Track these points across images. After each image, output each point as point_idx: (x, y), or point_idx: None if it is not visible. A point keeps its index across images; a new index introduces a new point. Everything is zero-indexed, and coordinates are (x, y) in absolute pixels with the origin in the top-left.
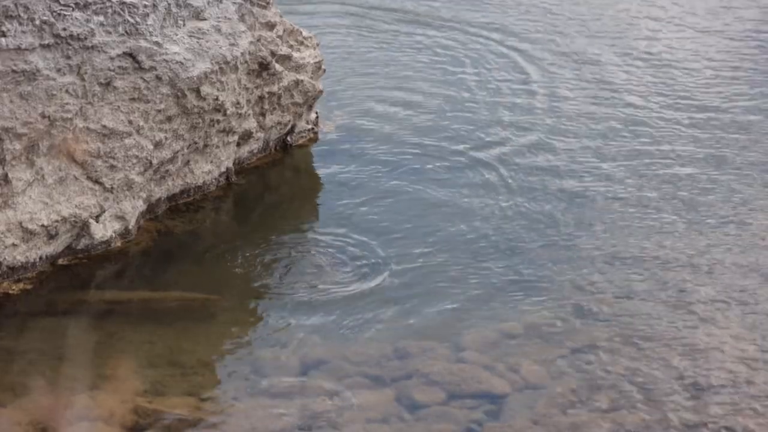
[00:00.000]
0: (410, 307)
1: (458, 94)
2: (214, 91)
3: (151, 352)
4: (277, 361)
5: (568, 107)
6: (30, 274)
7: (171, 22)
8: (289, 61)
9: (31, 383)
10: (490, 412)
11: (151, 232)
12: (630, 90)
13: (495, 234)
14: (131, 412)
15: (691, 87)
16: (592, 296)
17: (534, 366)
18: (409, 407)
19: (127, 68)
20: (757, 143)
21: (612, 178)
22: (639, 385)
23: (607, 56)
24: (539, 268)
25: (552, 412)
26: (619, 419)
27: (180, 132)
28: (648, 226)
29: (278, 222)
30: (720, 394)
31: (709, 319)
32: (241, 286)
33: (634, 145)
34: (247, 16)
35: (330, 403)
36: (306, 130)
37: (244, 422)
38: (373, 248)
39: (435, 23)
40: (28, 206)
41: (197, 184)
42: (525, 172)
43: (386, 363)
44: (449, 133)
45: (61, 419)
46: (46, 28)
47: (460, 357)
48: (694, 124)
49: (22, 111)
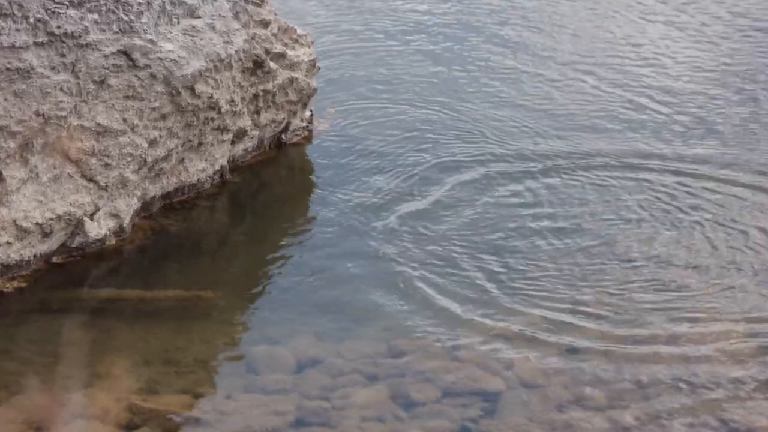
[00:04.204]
0: (405, 304)
1: (456, 92)
2: (209, 89)
3: (146, 350)
4: (272, 359)
5: (566, 106)
6: (24, 272)
7: (165, 19)
8: (283, 59)
9: (26, 381)
10: (485, 409)
11: (146, 230)
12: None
13: (491, 231)
14: (126, 410)
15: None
16: (588, 294)
17: (529, 364)
18: (404, 405)
19: (121, 66)
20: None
21: (611, 178)
22: (634, 383)
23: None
24: (534, 265)
25: (547, 410)
26: (614, 417)
27: (174, 130)
28: (646, 225)
29: (273, 220)
30: (716, 391)
31: (707, 317)
32: (235, 284)
33: (635, 145)
34: (241, 14)
35: (325, 401)
36: (300, 128)
37: (238, 420)
38: (370, 247)
39: (434, 25)
40: (23, 204)
41: (192, 182)
42: (523, 171)
43: (381, 361)
44: (446, 132)
45: (56, 417)
46: (40, 26)
47: (455, 355)
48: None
49: (17, 109)
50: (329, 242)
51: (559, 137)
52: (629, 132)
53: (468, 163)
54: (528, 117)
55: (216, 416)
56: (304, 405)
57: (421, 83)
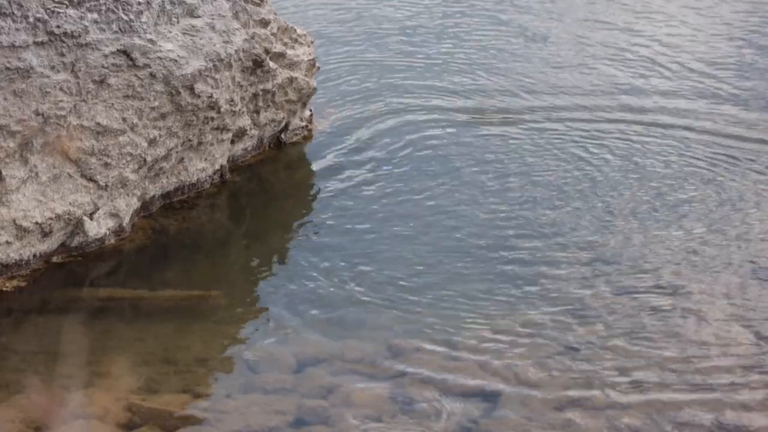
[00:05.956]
0: (406, 305)
1: (454, 92)
2: (208, 88)
3: (145, 349)
4: (272, 358)
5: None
6: (24, 271)
7: (165, 19)
8: (283, 58)
9: (25, 381)
10: (484, 409)
11: (146, 229)
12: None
13: (490, 232)
14: (125, 409)
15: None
16: (587, 293)
17: (528, 363)
18: (404, 404)
19: (121, 66)
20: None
21: (608, 177)
22: (634, 383)
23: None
24: (534, 265)
25: (546, 410)
26: (614, 417)
27: (174, 129)
28: (643, 224)
29: (272, 219)
30: (717, 391)
31: (706, 316)
32: (235, 284)
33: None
34: (241, 13)
35: (325, 401)
36: (300, 128)
37: (238, 419)
38: (369, 246)
39: (433, 26)
40: (22, 204)
41: (191, 181)
42: (521, 177)
43: (381, 360)
44: (445, 131)
45: (55, 417)
46: (39, 26)
47: (455, 355)
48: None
49: (16, 108)
50: (329, 242)
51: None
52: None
53: (473, 165)
54: (538, 122)
55: (215, 416)
56: (304, 405)
57: (422, 83)
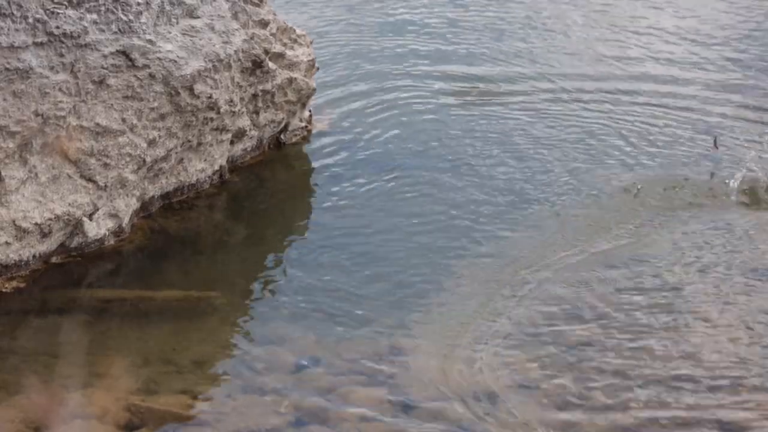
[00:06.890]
0: (404, 305)
1: (455, 92)
2: (208, 89)
3: (145, 350)
4: (272, 358)
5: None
6: (23, 272)
7: (164, 20)
8: (282, 59)
9: (25, 381)
10: (485, 409)
11: (145, 230)
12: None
13: (489, 231)
14: (125, 410)
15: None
16: (587, 293)
17: (528, 364)
18: (403, 405)
19: (120, 66)
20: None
21: (606, 177)
22: (634, 383)
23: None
24: (533, 264)
25: (546, 410)
26: (614, 417)
27: (173, 130)
28: (642, 224)
29: (272, 220)
30: (716, 391)
31: (706, 316)
32: (235, 284)
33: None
34: (240, 14)
35: (325, 401)
36: (299, 128)
37: (238, 420)
38: (369, 246)
39: (433, 25)
40: (22, 204)
41: (191, 182)
42: (521, 174)
43: (380, 360)
44: (444, 131)
45: (55, 417)
46: (39, 26)
47: (455, 355)
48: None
49: (15, 109)
50: (329, 242)
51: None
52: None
53: (473, 165)
54: (538, 121)
55: (215, 416)
56: (304, 405)
57: (422, 82)
